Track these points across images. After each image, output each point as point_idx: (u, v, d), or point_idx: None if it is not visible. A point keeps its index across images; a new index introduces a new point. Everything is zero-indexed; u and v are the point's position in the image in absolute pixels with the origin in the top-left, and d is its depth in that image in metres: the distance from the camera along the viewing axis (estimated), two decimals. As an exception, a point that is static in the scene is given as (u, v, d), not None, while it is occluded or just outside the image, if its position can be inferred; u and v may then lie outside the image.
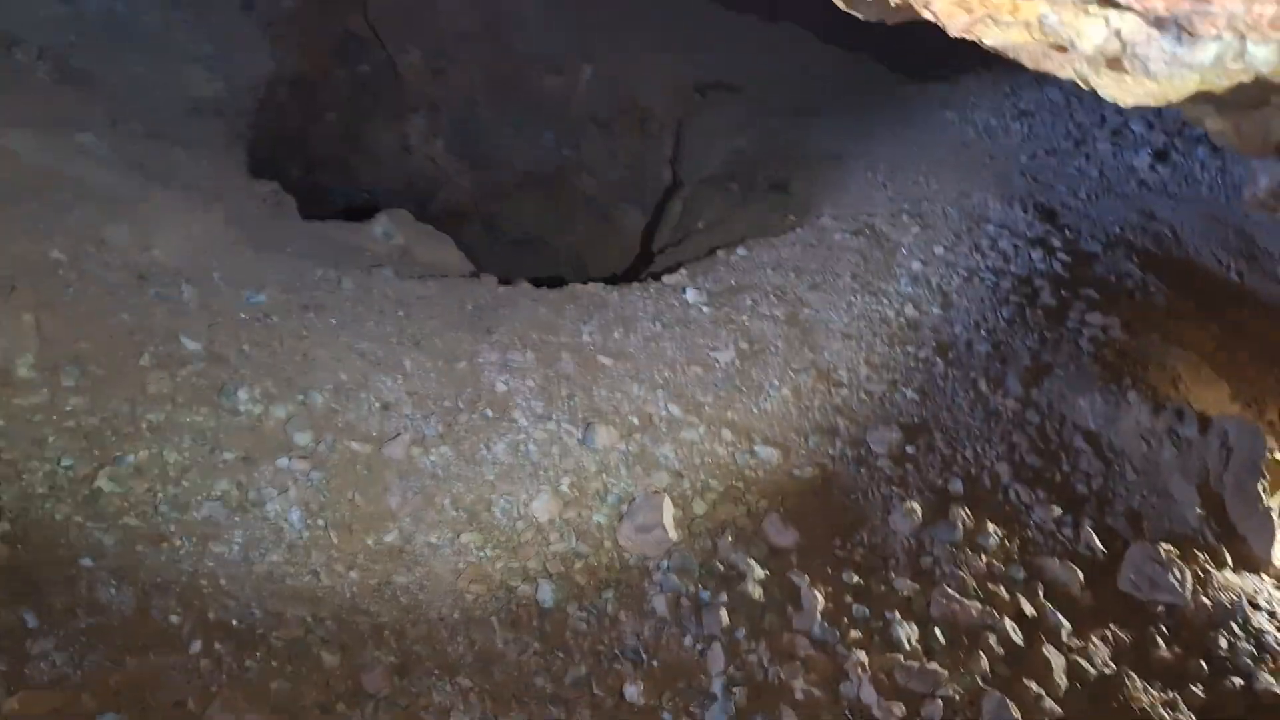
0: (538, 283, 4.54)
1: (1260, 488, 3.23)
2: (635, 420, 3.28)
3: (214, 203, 4.20)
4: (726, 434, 3.25)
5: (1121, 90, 2.04)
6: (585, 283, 4.44)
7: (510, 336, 3.73)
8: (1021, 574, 2.87)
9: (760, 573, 2.71)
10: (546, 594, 2.56)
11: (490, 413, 3.22)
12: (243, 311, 3.50)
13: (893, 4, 2.18)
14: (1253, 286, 4.96)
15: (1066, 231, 4.93)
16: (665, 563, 2.71)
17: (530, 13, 9.14)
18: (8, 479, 2.62)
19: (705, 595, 2.62)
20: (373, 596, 2.50)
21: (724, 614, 2.60)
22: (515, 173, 9.69)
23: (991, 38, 2.09)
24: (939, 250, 4.67)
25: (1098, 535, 3.02)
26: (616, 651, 2.49)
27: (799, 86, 8.46)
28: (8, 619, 2.16)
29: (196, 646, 2.26)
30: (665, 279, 4.49)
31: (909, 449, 3.24)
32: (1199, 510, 3.16)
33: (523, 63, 9.31)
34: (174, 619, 2.32)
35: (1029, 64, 2.23)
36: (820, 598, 2.70)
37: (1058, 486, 3.17)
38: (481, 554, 2.65)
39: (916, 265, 4.53)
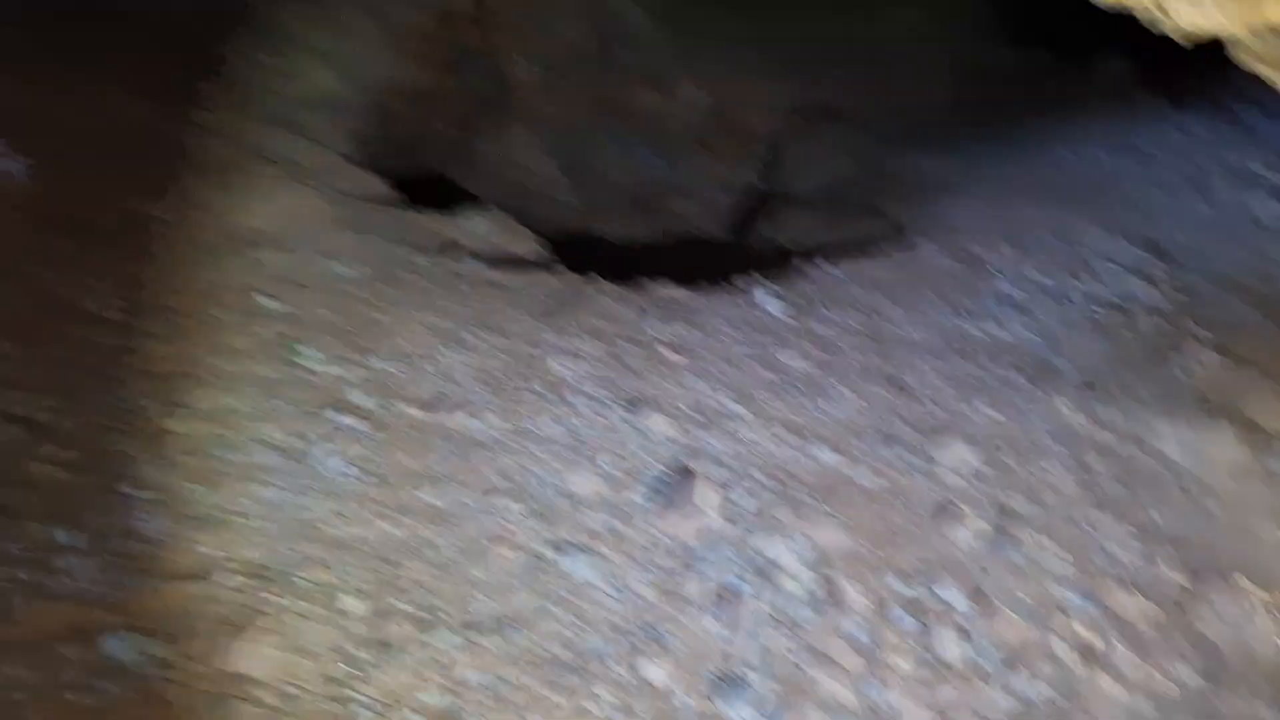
0: (618, 280, 4.55)
1: (1363, 536, 2.97)
2: (689, 411, 3.23)
3: (319, 186, 4.35)
4: (784, 433, 3.17)
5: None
6: (660, 283, 4.43)
7: (576, 325, 3.74)
8: (1085, 601, 2.70)
9: (803, 570, 2.61)
10: (578, 565, 2.52)
11: (545, 390, 3.21)
12: (325, 280, 3.59)
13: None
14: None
15: (1171, 265, 4.69)
16: (704, 549, 2.64)
17: (640, 31, 9.25)
18: (82, 413, 2.73)
19: (743, 586, 2.54)
20: (401, 549, 2.50)
21: (759, 605, 2.51)
22: (614, 189, 9.78)
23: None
24: (1030, 271, 4.50)
25: (1171, 567, 2.82)
26: (641, 631, 2.43)
27: (907, 114, 8.32)
28: (40, 534, 2.24)
29: (222, 579, 2.30)
30: (740, 284, 4.45)
31: (975, 462, 3.10)
32: (1288, 554, 2.93)
33: (628, 80, 9.42)
34: (203, 549, 2.37)
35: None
36: (864, 601, 2.59)
37: (1132, 516, 2.97)
38: (514, 520, 2.63)
39: (1005, 285, 4.37)
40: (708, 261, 7.87)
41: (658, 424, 3.11)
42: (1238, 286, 4.56)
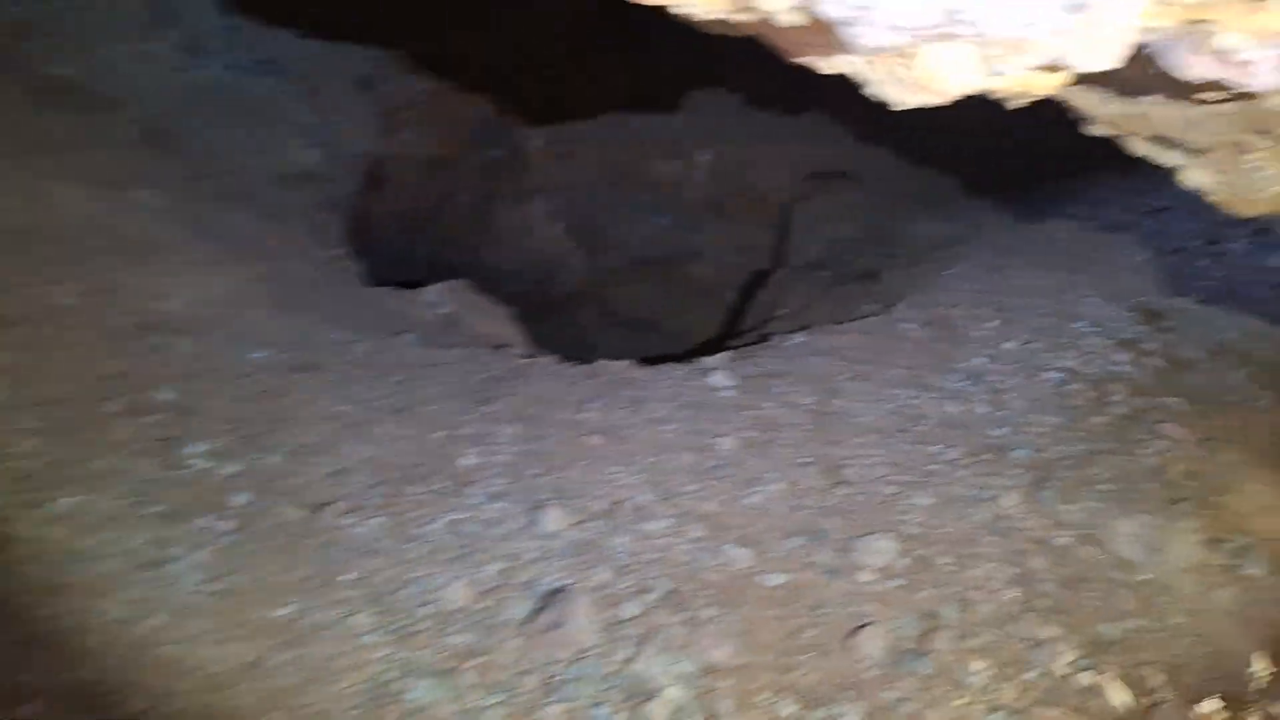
0: (574, 357, 4.38)
1: (1346, 648, 2.61)
2: (600, 506, 3.01)
3: (256, 263, 4.27)
4: (697, 528, 2.92)
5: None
6: (616, 360, 4.24)
7: (505, 409, 3.56)
8: (1011, 723, 2.39)
9: (678, 692, 2.35)
10: (422, 692, 2.29)
11: (445, 486, 3.03)
12: (235, 367, 3.48)
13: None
14: (1399, 409, 4.21)
15: (1169, 334, 4.35)
16: (573, 671, 2.40)
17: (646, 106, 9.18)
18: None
19: (601, 713, 2.29)
20: (240, 674, 2.30)
21: (620, 735, 2.27)
22: (631, 256, 9.67)
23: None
24: (1010, 345, 4.20)
25: (1122, 688, 2.49)
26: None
27: (917, 178, 8.09)
28: None
29: (30, 709, 2.13)
30: (704, 361, 4.24)
31: (902, 564, 2.81)
32: (1259, 668, 2.58)
33: (642, 147, 9.35)
34: (25, 677, 2.20)
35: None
36: (751, 729, 2.33)
37: (1078, 624, 2.65)
38: (367, 639, 2.42)
39: (979, 361, 4.08)
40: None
41: (559, 523, 2.90)
42: (1236, 353, 4.21)
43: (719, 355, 4.34)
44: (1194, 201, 6.51)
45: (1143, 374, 3.91)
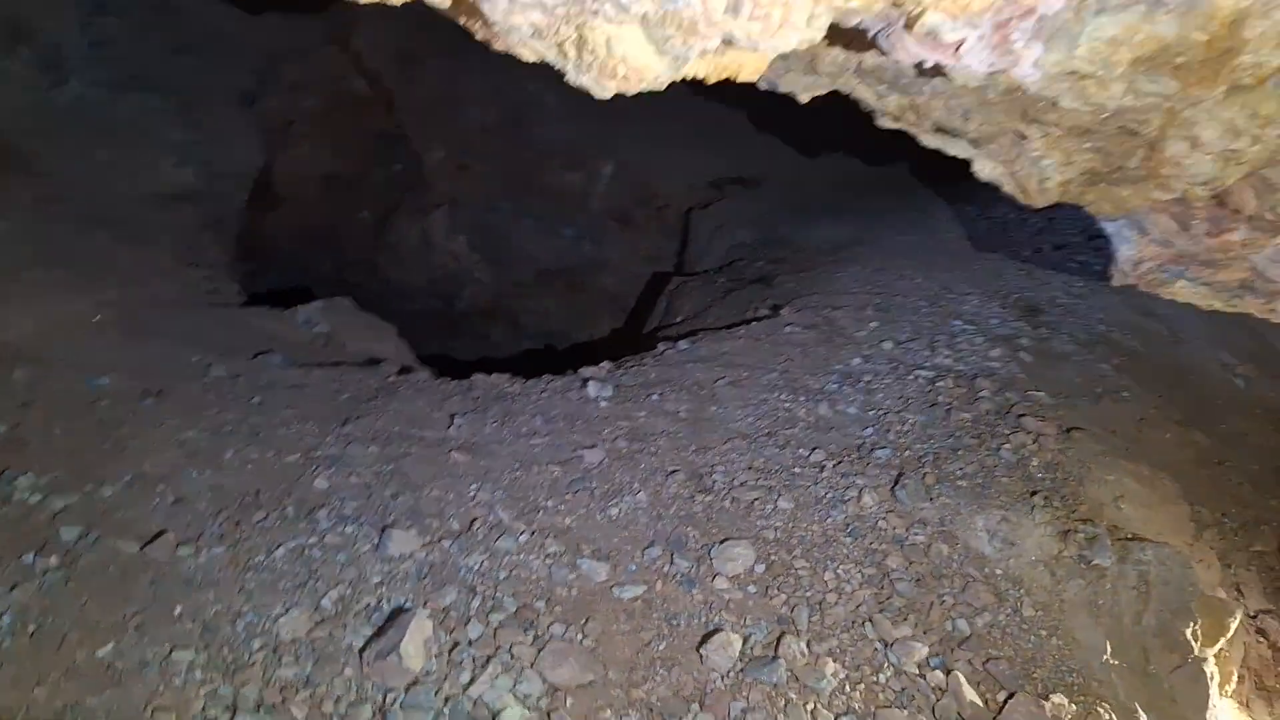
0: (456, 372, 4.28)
1: (1190, 633, 2.64)
2: (455, 525, 2.92)
3: (111, 287, 4.10)
4: (552, 544, 2.85)
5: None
6: (491, 374, 4.16)
7: (366, 429, 3.45)
8: (862, 728, 2.36)
9: (518, 714, 2.28)
10: (243, 729, 2.18)
11: (292, 512, 2.91)
12: (76, 397, 3.31)
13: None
14: (1261, 393, 4.33)
15: (1043, 329, 4.43)
16: (410, 699, 2.30)
17: (553, 105, 9.11)
18: None
19: (435, 740, 2.20)
20: (49, 720, 2.17)
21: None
22: (538, 269, 9.59)
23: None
24: (888, 346, 4.23)
25: (973, 685, 2.48)
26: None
27: (820, 184, 8.16)
28: None
29: None
30: (584, 371, 4.18)
31: (759, 568, 2.78)
32: (1109, 658, 2.59)
33: (543, 157, 9.28)
34: None
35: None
36: (597, 748, 2.26)
37: (932, 622, 2.64)
38: (190, 676, 2.30)
39: (857, 361, 4.09)
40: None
41: (409, 545, 2.80)
42: (1108, 344, 4.30)
43: (600, 365, 4.28)
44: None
45: (1013, 369, 3.95)
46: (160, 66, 6.04)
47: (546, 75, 1.95)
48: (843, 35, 1.73)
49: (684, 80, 1.51)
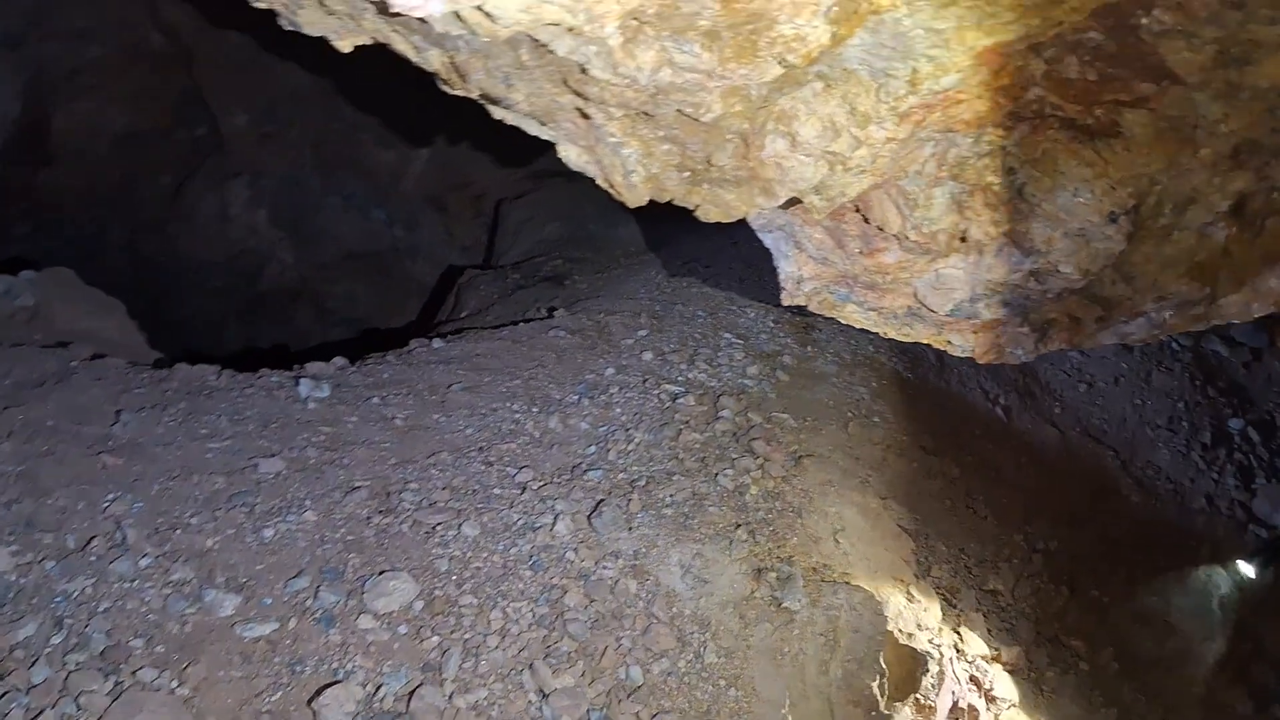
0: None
1: (877, 687, 2.45)
2: (70, 542, 2.48)
3: None
4: (179, 570, 2.44)
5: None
6: (194, 364, 3.69)
7: (12, 420, 2.96)
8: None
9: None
10: None
11: None
12: None
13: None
14: (1021, 427, 4.27)
15: (811, 347, 4.26)
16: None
17: (366, 84, 8.60)
18: None
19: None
20: None
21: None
22: (345, 251, 9.06)
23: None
24: (647, 356, 3.97)
25: (633, 744, 2.21)
26: None
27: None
28: None
29: None
30: (308, 368, 3.77)
31: (417, 605, 2.45)
32: (786, 712, 2.37)
33: (356, 130, 8.74)
34: None
35: None
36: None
37: (603, 669, 2.37)
38: None
39: (610, 371, 3.82)
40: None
41: (1, 564, 2.35)
42: (871, 366, 4.17)
43: (331, 362, 3.88)
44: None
45: (765, 388, 3.75)
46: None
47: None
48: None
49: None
